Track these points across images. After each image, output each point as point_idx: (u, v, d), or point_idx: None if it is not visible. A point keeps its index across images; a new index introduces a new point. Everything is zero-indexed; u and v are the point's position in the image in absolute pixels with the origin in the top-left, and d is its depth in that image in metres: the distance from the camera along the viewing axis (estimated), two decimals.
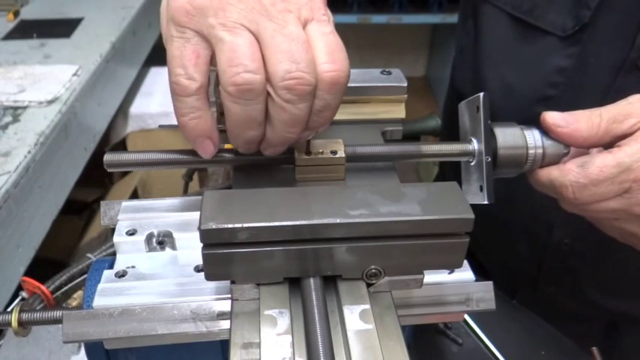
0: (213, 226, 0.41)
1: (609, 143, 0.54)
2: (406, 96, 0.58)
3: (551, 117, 0.55)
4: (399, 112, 0.59)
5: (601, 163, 0.52)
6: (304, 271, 0.44)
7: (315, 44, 0.43)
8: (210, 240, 0.41)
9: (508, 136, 0.55)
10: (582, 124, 0.54)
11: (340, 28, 0.47)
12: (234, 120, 0.45)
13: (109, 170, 0.51)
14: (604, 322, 0.94)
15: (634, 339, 0.94)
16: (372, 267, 0.44)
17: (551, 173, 0.55)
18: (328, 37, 0.44)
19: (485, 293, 0.52)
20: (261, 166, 0.52)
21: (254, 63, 0.41)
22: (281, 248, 0.42)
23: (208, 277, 0.44)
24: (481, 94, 0.54)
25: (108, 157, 0.50)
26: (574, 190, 0.53)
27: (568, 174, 0.54)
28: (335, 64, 0.43)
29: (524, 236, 0.90)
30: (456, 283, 0.52)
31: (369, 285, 0.46)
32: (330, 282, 0.46)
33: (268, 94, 0.43)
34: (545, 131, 0.56)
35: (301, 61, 0.42)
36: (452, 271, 0.52)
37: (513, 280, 0.98)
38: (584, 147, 0.55)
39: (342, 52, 0.44)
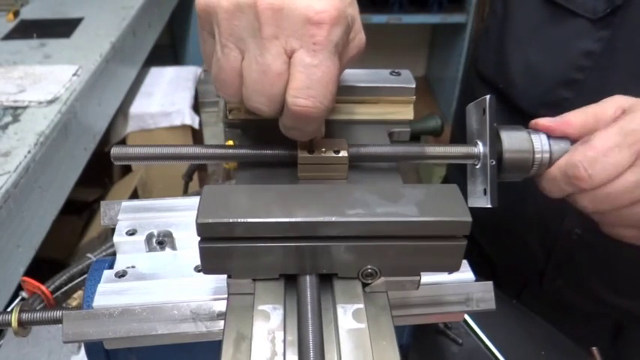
0: (210, 220, 0.41)
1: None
2: (414, 97, 0.58)
3: (542, 121, 0.55)
4: (406, 113, 0.58)
5: (603, 134, 0.52)
6: (300, 268, 0.44)
7: (294, 75, 0.42)
8: (207, 234, 0.41)
9: (514, 139, 0.55)
10: (572, 116, 0.54)
11: None
12: None
13: (116, 163, 0.51)
14: (611, 323, 0.94)
15: None
16: (368, 267, 0.44)
17: (559, 163, 0.54)
18: (311, 70, 0.42)
19: (485, 293, 0.52)
20: (264, 164, 0.52)
21: (231, 89, 0.45)
22: (277, 244, 0.42)
23: (205, 271, 0.44)
24: (487, 97, 0.53)
25: (115, 150, 0.50)
26: (585, 166, 0.51)
27: (574, 154, 0.53)
28: (307, 99, 0.42)
29: (534, 224, 0.90)
30: (455, 283, 0.52)
31: (365, 285, 0.46)
32: (326, 280, 0.46)
33: None
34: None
35: (263, 94, 0.43)
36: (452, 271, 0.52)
37: (520, 272, 0.98)
38: (582, 135, 0.54)
39: (324, 87, 0.42)
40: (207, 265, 0.43)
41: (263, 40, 0.42)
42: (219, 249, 0.42)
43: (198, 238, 0.42)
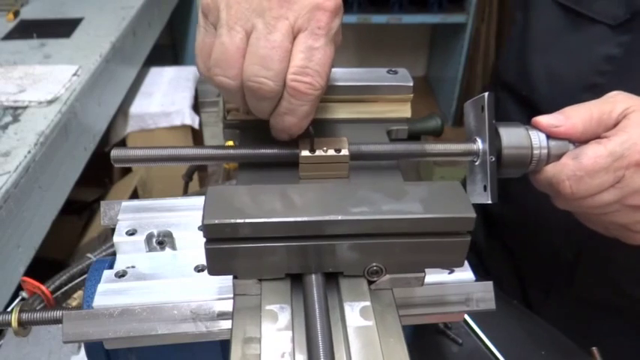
0: (216, 222, 0.41)
1: (601, 135, 0.56)
2: (412, 95, 0.58)
3: (544, 120, 0.56)
4: (404, 111, 0.59)
5: (594, 153, 0.54)
6: (306, 267, 0.44)
7: (296, 54, 0.45)
8: (213, 235, 0.41)
9: (512, 136, 0.55)
10: (576, 119, 0.56)
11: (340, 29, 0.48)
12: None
13: (116, 165, 0.51)
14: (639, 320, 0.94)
15: None
16: (374, 264, 0.44)
17: (547, 171, 0.56)
18: (312, 52, 0.45)
19: (485, 293, 0.52)
20: (265, 164, 0.52)
21: (233, 70, 0.46)
22: (283, 244, 0.43)
23: (211, 272, 0.44)
24: (486, 94, 0.54)
25: (115, 153, 0.50)
26: (571, 183, 0.54)
27: (563, 168, 0.55)
28: (305, 77, 0.45)
29: (560, 225, 0.90)
30: (456, 283, 0.52)
31: (370, 282, 0.46)
32: (331, 279, 0.46)
33: None
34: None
35: (271, 69, 0.45)
36: (452, 271, 0.52)
37: (549, 273, 0.98)
38: (582, 140, 0.56)
39: (321, 68, 0.45)
40: (213, 266, 0.43)
41: (273, 19, 0.45)
42: (226, 250, 0.42)
43: (198, 238, 0.42)
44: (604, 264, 0.89)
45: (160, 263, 0.54)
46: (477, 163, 0.56)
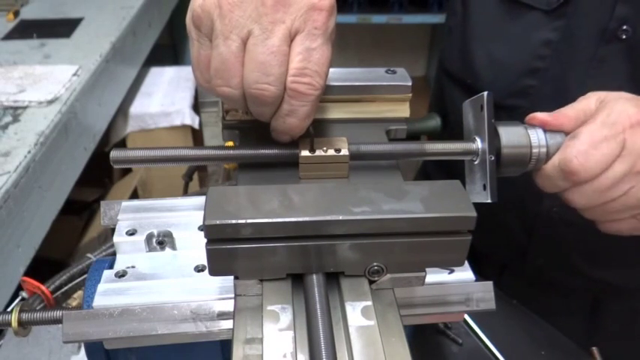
0: (217, 222, 0.41)
1: None
2: (411, 95, 0.58)
3: (539, 114, 0.57)
4: (403, 111, 0.59)
5: (587, 130, 0.55)
6: (307, 267, 0.44)
7: (294, 56, 0.45)
8: (214, 235, 0.41)
9: (512, 135, 0.56)
10: (568, 112, 0.58)
11: (340, 28, 0.48)
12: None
13: (116, 167, 0.51)
14: (589, 297, 0.96)
15: (617, 313, 0.95)
16: (375, 264, 0.45)
17: (553, 161, 0.57)
18: (310, 52, 0.45)
19: (485, 293, 0.52)
20: (265, 164, 0.52)
21: (235, 79, 0.46)
22: (284, 244, 0.43)
23: (212, 273, 0.44)
24: (485, 93, 0.54)
25: (114, 154, 0.50)
26: (579, 160, 0.55)
27: (566, 149, 0.56)
28: (304, 77, 0.45)
29: (514, 206, 0.92)
30: (456, 283, 0.52)
31: (371, 282, 0.46)
32: (332, 278, 0.46)
33: None
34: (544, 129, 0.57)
35: (271, 74, 0.45)
36: (452, 271, 0.52)
37: (502, 254, 1.00)
38: (575, 128, 0.57)
39: (320, 67, 0.46)
40: (215, 267, 0.43)
41: (270, 24, 0.45)
42: (227, 250, 0.42)
43: (199, 238, 0.42)
44: (558, 246, 0.91)
45: (159, 263, 0.54)
46: (476, 163, 0.56)
